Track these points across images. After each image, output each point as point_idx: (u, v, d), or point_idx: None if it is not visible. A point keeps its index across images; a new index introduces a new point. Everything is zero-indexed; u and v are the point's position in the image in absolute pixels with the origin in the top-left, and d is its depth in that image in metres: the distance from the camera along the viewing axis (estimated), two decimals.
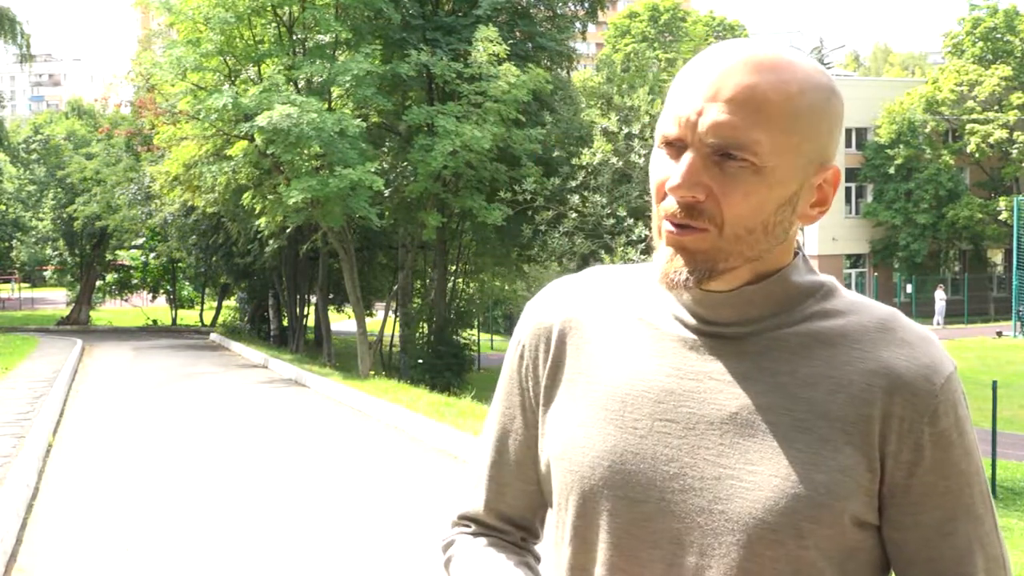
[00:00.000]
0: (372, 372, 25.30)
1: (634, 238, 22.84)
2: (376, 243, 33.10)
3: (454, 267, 30.84)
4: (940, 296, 50.82)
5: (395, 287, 30.94)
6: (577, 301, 1.71)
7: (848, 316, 1.55)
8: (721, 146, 1.46)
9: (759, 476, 1.49)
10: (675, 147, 1.51)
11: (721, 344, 1.56)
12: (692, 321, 1.58)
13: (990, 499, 1.56)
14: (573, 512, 1.61)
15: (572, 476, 1.60)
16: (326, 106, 24.56)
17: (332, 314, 39.53)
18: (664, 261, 1.53)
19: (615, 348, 1.63)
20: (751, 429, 1.51)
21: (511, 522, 1.80)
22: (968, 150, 53.06)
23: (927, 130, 54.07)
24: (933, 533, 1.52)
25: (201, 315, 55.15)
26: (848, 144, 55.99)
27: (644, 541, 1.54)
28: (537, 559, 1.82)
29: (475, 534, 1.81)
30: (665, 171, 1.51)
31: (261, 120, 22.32)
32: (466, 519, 1.83)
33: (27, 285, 76.58)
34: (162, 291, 57.48)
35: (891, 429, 1.49)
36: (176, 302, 56.34)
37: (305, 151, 23.72)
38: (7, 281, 74.85)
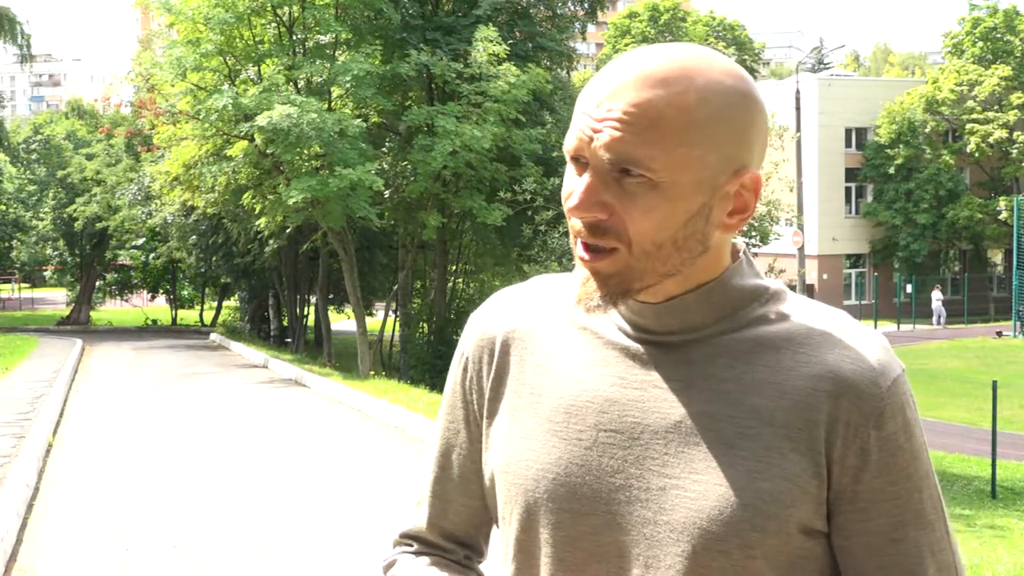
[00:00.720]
0: (372, 372, 25.30)
1: None
2: (376, 243, 33.10)
3: (454, 267, 30.82)
4: (937, 297, 50.82)
5: (395, 287, 30.94)
6: (520, 311, 1.68)
7: (793, 319, 1.52)
8: (616, 163, 1.42)
9: (703, 485, 1.46)
10: (579, 163, 1.48)
11: (665, 352, 1.53)
12: (634, 330, 1.55)
13: (942, 505, 1.53)
14: (517, 526, 1.58)
15: (516, 489, 1.57)
16: (326, 106, 24.55)
17: (332, 314, 39.53)
18: (579, 285, 1.51)
19: (558, 358, 1.60)
20: (695, 437, 1.48)
21: (455, 540, 1.76)
22: (968, 150, 53.05)
23: (927, 130, 54.07)
24: (882, 540, 1.48)
25: (201, 315, 55.13)
26: (848, 144, 56.00)
27: (590, 554, 1.52)
28: None
29: (417, 553, 1.77)
30: (570, 187, 1.49)
31: (261, 120, 22.32)
32: (408, 537, 1.79)
33: (27, 285, 76.49)
34: (162, 291, 57.46)
35: (837, 434, 1.45)
36: (176, 302, 56.32)
37: (305, 151, 23.71)
38: (7, 281, 74.78)
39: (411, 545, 1.79)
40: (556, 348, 1.61)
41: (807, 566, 1.49)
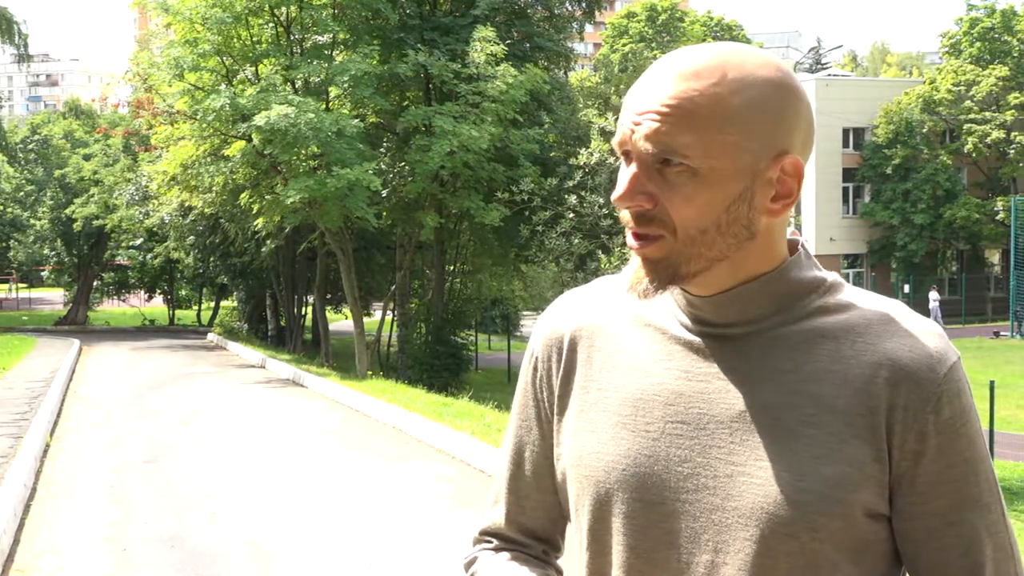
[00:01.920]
0: (370, 372, 25.30)
1: None
2: (374, 243, 33.09)
3: (452, 267, 30.83)
4: (934, 297, 50.82)
5: (393, 287, 30.94)
6: (586, 310, 1.74)
7: (851, 310, 1.57)
8: (657, 153, 1.50)
9: (769, 472, 1.51)
10: (626, 156, 1.55)
11: (726, 344, 1.59)
12: (695, 324, 1.61)
13: (997, 488, 1.57)
14: (589, 517, 1.64)
15: (587, 482, 1.63)
16: (324, 106, 24.55)
17: (330, 314, 39.52)
18: (631, 271, 1.58)
19: (624, 354, 1.66)
20: (759, 426, 1.53)
21: (532, 535, 1.82)
22: (965, 150, 53.05)
23: (924, 130, 54.06)
24: (940, 522, 1.53)
25: (199, 315, 55.12)
26: (846, 144, 56.00)
27: (660, 542, 1.57)
28: (559, 572, 1.83)
29: (497, 549, 1.82)
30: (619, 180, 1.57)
31: (259, 120, 22.31)
32: (487, 534, 1.85)
33: (24, 285, 76.49)
34: (159, 291, 57.45)
35: (896, 419, 1.50)
36: (174, 302, 56.30)
37: (303, 151, 23.71)
38: (5, 281, 74.81)
39: (490, 542, 1.84)
40: (622, 345, 1.68)
41: (872, 549, 1.54)
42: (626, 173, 1.54)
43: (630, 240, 1.56)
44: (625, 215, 1.55)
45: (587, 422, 1.66)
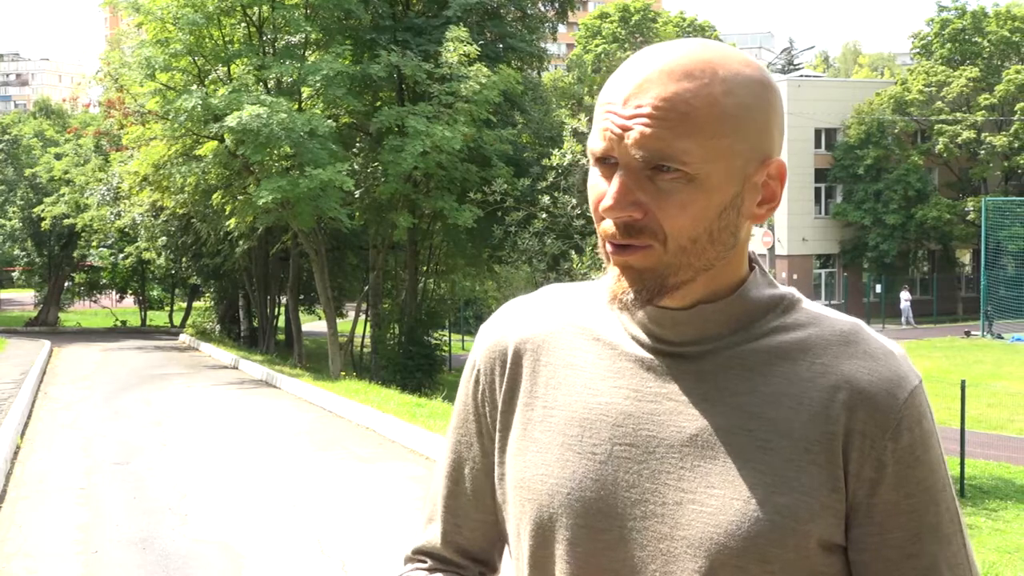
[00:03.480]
0: (343, 373, 25.26)
1: None
2: (347, 244, 33.05)
3: (425, 268, 30.81)
4: (905, 297, 51.12)
5: (366, 288, 30.89)
6: (532, 321, 1.64)
7: (809, 329, 1.50)
8: (650, 159, 1.41)
9: (720, 500, 1.43)
10: (606, 163, 1.46)
11: (679, 363, 1.50)
12: (648, 340, 1.53)
13: (959, 518, 1.50)
14: (531, 542, 1.55)
15: (530, 505, 1.54)
16: (296, 106, 24.50)
17: (303, 315, 39.44)
18: (612, 282, 1.48)
19: (571, 370, 1.57)
20: (712, 451, 1.45)
21: (469, 556, 1.73)
22: (936, 151, 53.41)
23: (896, 131, 54.38)
24: (898, 554, 1.45)
25: (171, 316, 54.91)
26: (818, 145, 56.23)
27: (605, 571, 1.49)
28: None
29: (431, 570, 1.73)
30: (600, 190, 1.46)
31: (231, 120, 22.25)
32: (421, 554, 1.76)
33: None
34: (131, 292, 57.19)
35: (853, 446, 1.43)
36: (145, 303, 56.05)
37: (275, 151, 23.65)
38: None
39: (424, 562, 1.75)
40: (569, 360, 1.58)
41: None
42: (612, 182, 1.43)
43: (609, 249, 1.46)
44: (608, 226, 1.45)
45: (531, 441, 1.57)
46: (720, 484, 1.44)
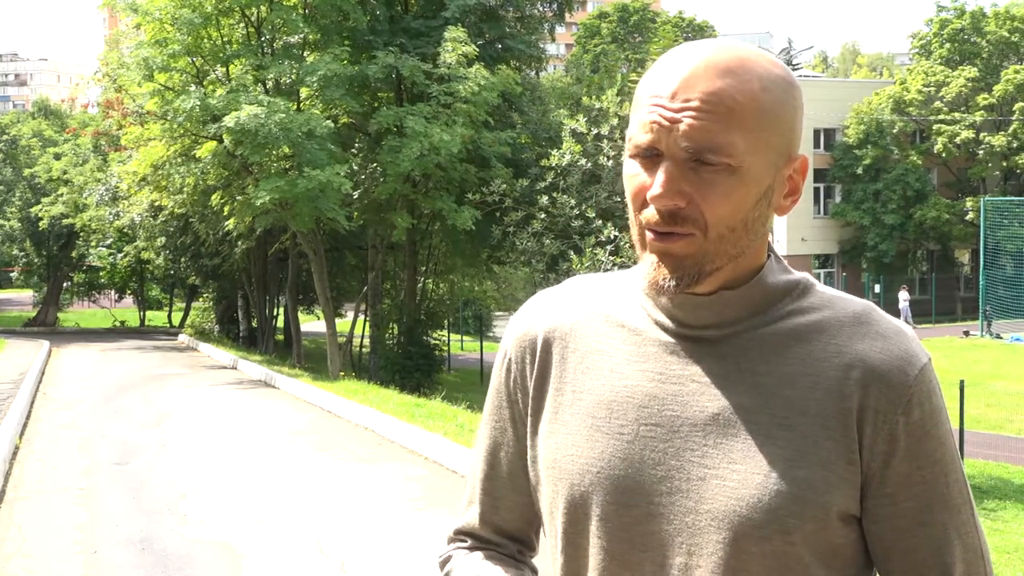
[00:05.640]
0: (342, 373, 25.24)
1: (603, 239, 22.90)
2: (346, 244, 33.04)
3: (424, 268, 30.81)
4: (904, 297, 51.07)
5: (365, 288, 30.88)
6: (559, 311, 1.73)
7: (823, 311, 1.58)
8: (697, 151, 1.48)
9: (742, 474, 1.51)
10: (649, 155, 1.52)
11: (700, 347, 1.58)
12: (671, 325, 1.60)
13: (967, 489, 1.58)
14: (563, 520, 1.63)
15: (562, 484, 1.62)
16: (295, 107, 24.49)
17: (301, 315, 39.43)
18: (650, 268, 1.55)
19: (598, 355, 1.65)
20: (733, 429, 1.53)
21: (507, 535, 1.82)
22: (935, 151, 53.41)
23: (895, 131, 54.39)
24: (909, 523, 1.54)
25: (169, 316, 54.90)
26: (816, 145, 56.23)
27: (634, 544, 1.57)
28: (534, 572, 1.83)
29: (471, 548, 1.83)
30: (641, 180, 1.53)
31: (228, 121, 22.24)
32: (462, 534, 1.85)
33: None
34: (130, 292, 57.16)
35: (867, 421, 1.51)
36: (144, 303, 56.02)
37: (274, 152, 23.64)
38: None
39: (465, 541, 1.85)
40: (595, 346, 1.67)
41: (845, 551, 1.55)
42: (660, 171, 1.50)
43: (650, 237, 1.53)
44: (650, 214, 1.52)
45: (561, 424, 1.65)
46: (741, 460, 1.52)
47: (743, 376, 1.55)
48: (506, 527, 1.81)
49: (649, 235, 1.54)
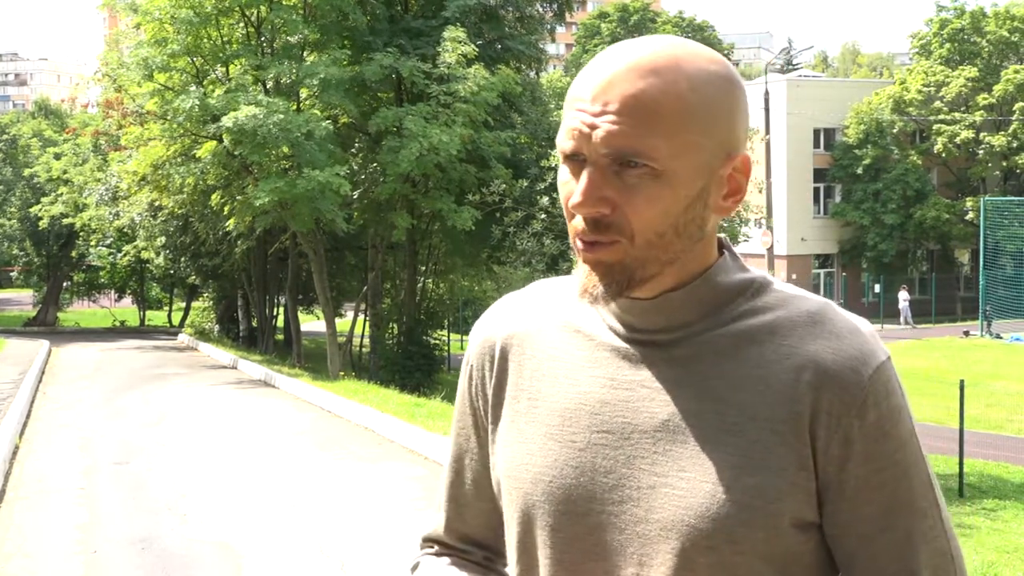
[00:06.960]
0: (342, 373, 25.24)
1: None
2: (346, 244, 33.02)
3: (424, 268, 30.80)
4: (904, 297, 51.07)
5: (365, 288, 30.88)
6: (518, 317, 1.69)
7: (776, 311, 1.52)
8: (618, 156, 1.43)
9: (690, 483, 1.47)
10: (575, 161, 1.49)
11: (652, 351, 1.54)
12: (622, 330, 1.56)
13: (935, 491, 1.52)
14: (518, 528, 1.61)
15: (517, 493, 1.60)
16: (294, 107, 24.49)
17: (301, 315, 39.41)
18: (582, 276, 1.52)
19: (554, 362, 1.62)
20: (682, 436, 1.49)
21: (472, 542, 1.81)
22: (935, 150, 53.40)
23: (895, 131, 54.38)
24: (871, 529, 1.48)
25: (169, 316, 54.86)
26: (816, 145, 56.22)
27: (586, 554, 1.53)
28: None
29: (438, 555, 1.82)
30: (570, 188, 1.50)
31: (227, 120, 22.25)
32: (430, 540, 1.85)
33: None
34: (129, 291, 57.14)
35: (820, 424, 1.45)
36: (144, 303, 55.99)
37: (273, 152, 23.64)
38: None
39: (432, 547, 1.85)
40: (551, 352, 1.63)
41: (802, 560, 1.49)
42: (581, 179, 1.46)
43: (579, 246, 1.50)
44: (577, 222, 1.48)
45: (517, 432, 1.62)
46: (691, 467, 1.48)
47: (693, 380, 1.50)
48: (472, 534, 1.80)
49: (579, 244, 1.50)
